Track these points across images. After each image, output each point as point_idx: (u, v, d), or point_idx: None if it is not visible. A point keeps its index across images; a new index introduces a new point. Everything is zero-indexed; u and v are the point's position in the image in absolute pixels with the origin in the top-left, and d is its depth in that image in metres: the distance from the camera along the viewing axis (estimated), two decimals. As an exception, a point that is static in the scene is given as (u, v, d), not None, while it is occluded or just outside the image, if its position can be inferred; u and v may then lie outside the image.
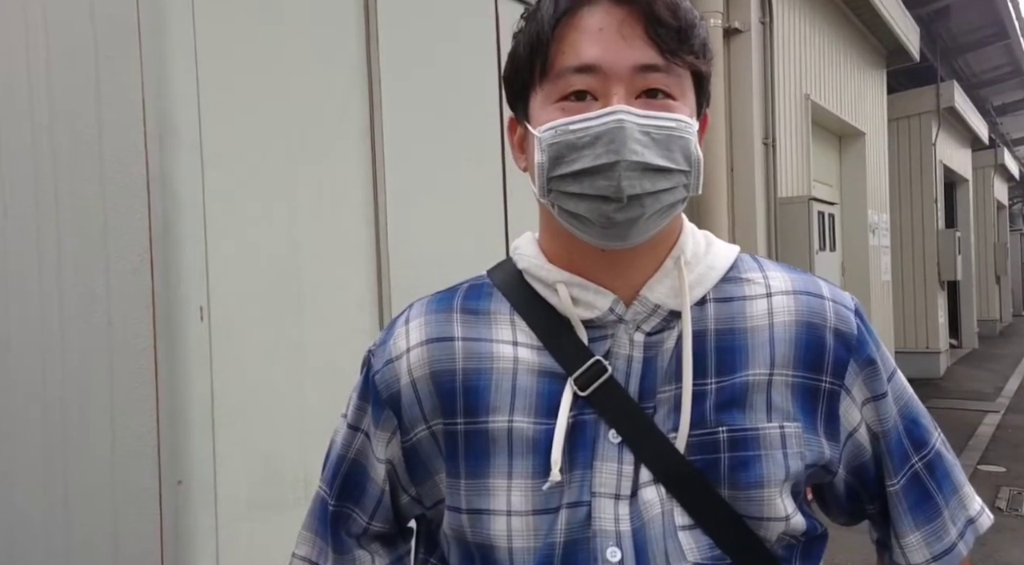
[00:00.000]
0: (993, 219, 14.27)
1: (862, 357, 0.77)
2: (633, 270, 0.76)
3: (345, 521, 0.83)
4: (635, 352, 0.74)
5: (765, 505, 0.71)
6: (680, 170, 0.70)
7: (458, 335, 0.78)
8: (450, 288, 0.84)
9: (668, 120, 0.69)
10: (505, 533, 0.71)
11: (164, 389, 1.59)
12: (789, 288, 0.79)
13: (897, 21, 6.67)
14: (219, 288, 1.63)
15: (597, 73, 0.69)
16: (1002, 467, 5.21)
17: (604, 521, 0.70)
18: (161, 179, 1.57)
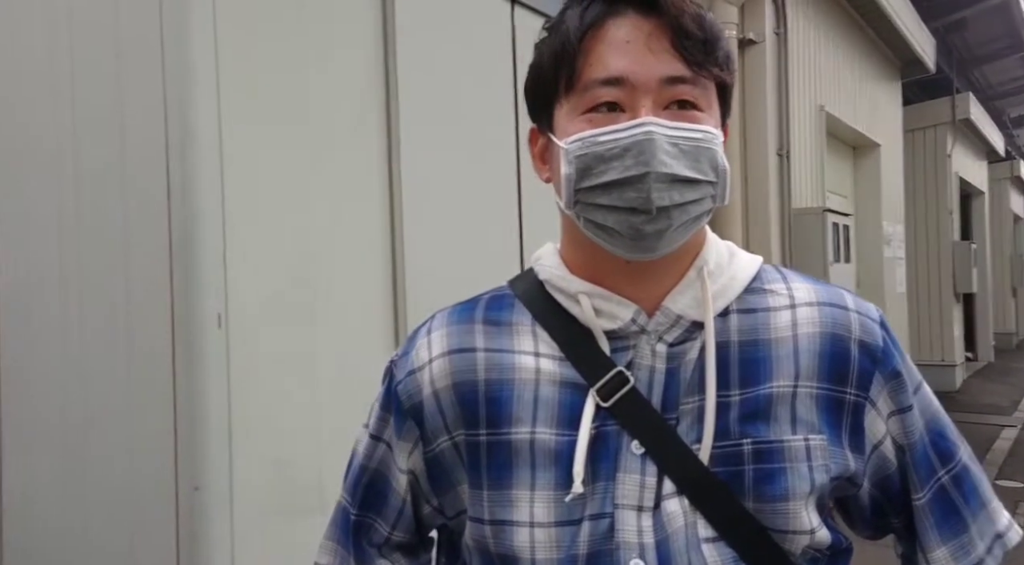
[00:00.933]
0: (1009, 231, 14.14)
1: (888, 369, 0.77)
2: (656, 281, 0.76)
3: (367, 531, 0.84)
4: (657, 363, 0.74)
5: (791, 518, 0.71)
6: (708, 181, 0.71)
7: (480, 346, 0.78)
8: (472, 299, 0.84)
9: (696, 131, 0.70)
10: (528, 545, 0.71)
11: (182, 396, 1.60)
12: (813, 299, 0.78)
13: (912, 33, 6.65)
14: (237, 296, 1.64)
15: (625, 85, 0.70)
16: (1020, 482, 5.15)
17: (627, 533, 0.70)
18: (182, 189, 1.59)
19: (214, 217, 1.61)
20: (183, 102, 1.60)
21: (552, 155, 0.76)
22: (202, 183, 1.60)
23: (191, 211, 1.59)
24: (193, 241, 1.59)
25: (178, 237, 1.60)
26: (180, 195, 1.59)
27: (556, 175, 0.75)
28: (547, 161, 0.79)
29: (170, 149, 1.60)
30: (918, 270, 9.11)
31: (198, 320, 1.60)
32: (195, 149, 1.59)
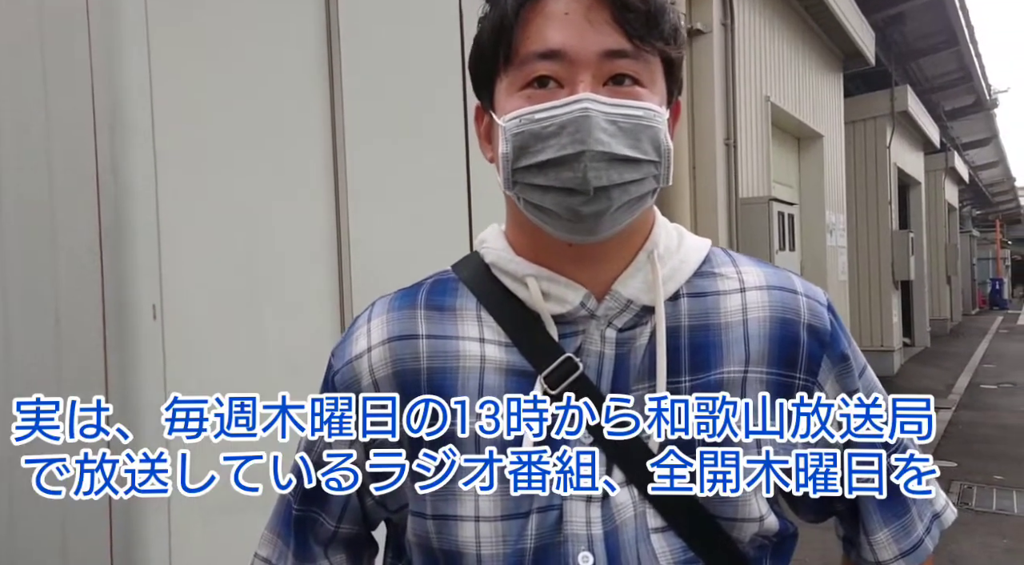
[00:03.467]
0: (944, 221, 14.69)
1: (835, 353, 0.77)
2: (604, 264, 0.73)
3: (312, 525, 0.80)
4: (607, 349, 0.72)
5: (739, 506, 0.70)
6: (649, 160, 0.68)
7: (423, 332, 0.75)
8: (414, 284, 0.81)
9: (636, 108, 0.67)
10: (473, 540, 0.69)
11: (115, 390, 1.53)
12: (763, 283, 0.77)
13: (853, 25, 6.81)
14: (173, 285, 1.57)
15: (562, 59, 0.67)
16: (954, 462, 5.35)
17: (576, 525, 0.68)
18: (112, 172, 1.51)
19: (147, 200, 1.53)
20: (112, 83, 1.52)
21: (494, 133, 0.73)
22: (133, 164, 1.52)
23: (122, 193, 1.51)
24: (124, 226, 1.51)
25: (108, 222, 1.52)
26: (110, 177, 1.51)
27: (496, 154, 0.72)
28: (491, 140, 0.76)
29: (98, 130, 1.52)
30: (859, 258, 9.38)
31: (131, 311, 1.53)
32: (125, 130, 1.51)
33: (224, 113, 1.72)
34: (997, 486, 4.78)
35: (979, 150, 16.60)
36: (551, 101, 0.67)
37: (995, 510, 4.38)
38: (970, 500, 4.53)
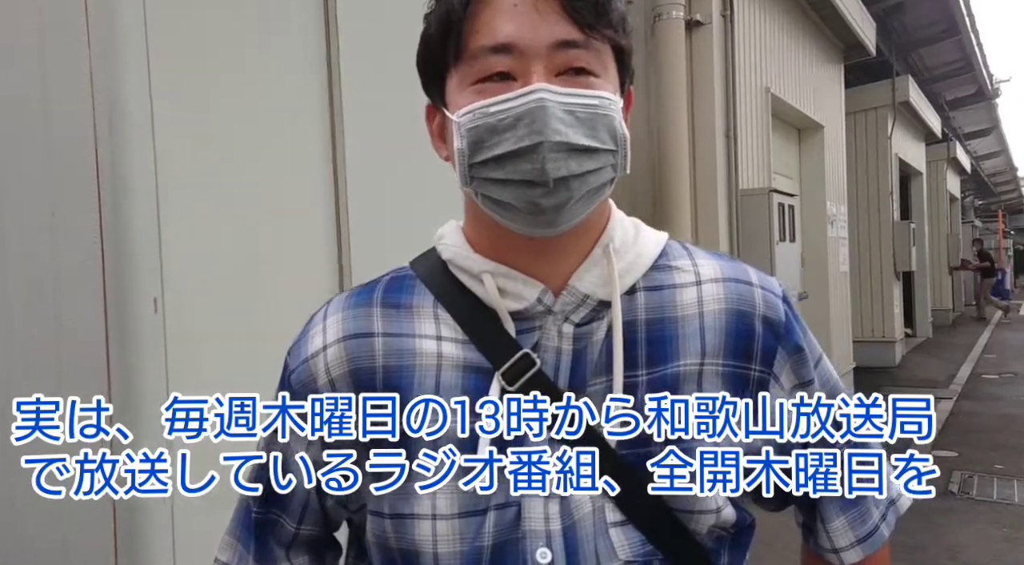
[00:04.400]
0: (946, 211, 14.65)
1: (790, 344, 0.77)
2: (561, 259, 0.73)
3: (272, 527, 0.79)
4: (564, 344, 0.72)
5: (696, 499, 0.70)
6: (607, 149, 0.68)
7: (378, 330, 0.75)
8: (371, 282, 0.81)
9: (591, 97, 0.67)
10: (430, 538, 0.69)
11: (117, 383, 1.54)
12: (719, 275, 0.78)
13: (854, 16, 6.78)
14: (173, 279, 1.58)
15: (513, 52, 0.66)
16: (954, 452, 5.36)
17: (534, 521, 0.68)
18: (111, 167, 1.52)
19: (147, 196, 1.54)
20: (111, 78, 1.53)
21: (447, 131, 0.73)
22: (133, 158, 1.53)
23: (122, 190, 1.52)
24: (125, 220, 1.52)
25: (109, 216, 1.53)
26: (109, 171, 1.52)
27: (452, 152, 0.71)
28: (445, 138, 0.75)
29: (98, 126, 1.52)
30: (860, 249, 9.36)
31: (132, 304, 1.54)
32: (125, 126, 1.52)
33: (223, 109, 1.72)
34: (997, 475, 4.78)
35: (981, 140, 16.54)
36: (504, 93, 0.66)
37: (995, 499, 4.39)
38: (970, 489, 4.54)
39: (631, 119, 0.77)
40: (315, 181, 1.95)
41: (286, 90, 1.89)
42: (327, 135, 1.98)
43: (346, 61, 2.01)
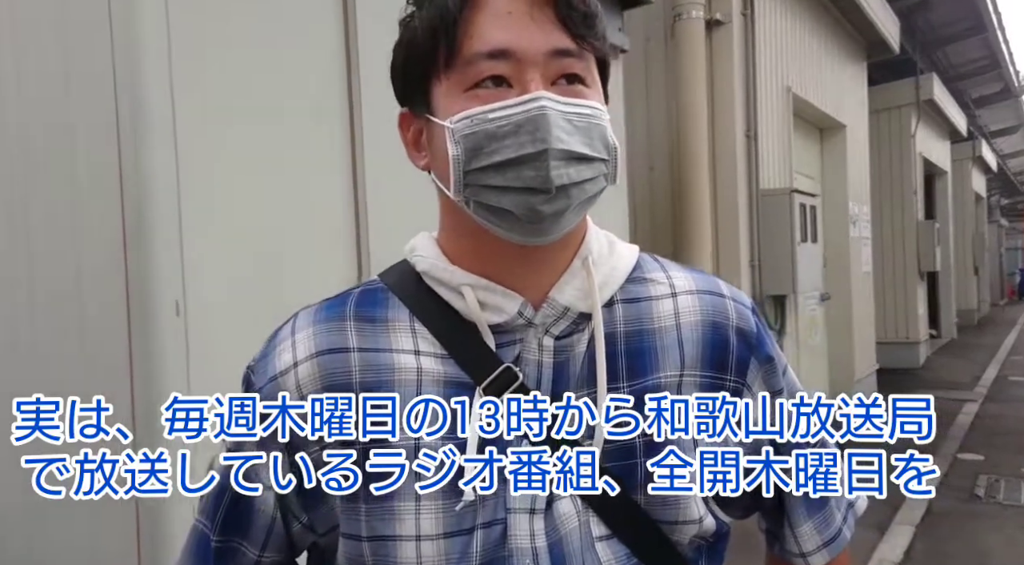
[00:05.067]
0: (972, 211, 14.44)
1: (762, 354, 0.78)
2: (541, 271, 0.73)
3: (232, 556, 0.75)
4: (545, 357, 0.71)
5: (680, 510, 0.71)
6: (601, 159, 0.68)
7: (353, 345, 0.72)
8: (339, 294, 0.79)
9: (587, 107, 0.67)
10: (415, 560, 0.67)
11: (139, 385, 1.56)
12: (693, 287, 0.79)
13: (877, 13, 6.70)
14: (195, 282, 1.60)
15: (511, 58, 0.66)
16: (980, 455, 5.27)
17: (520, 538, 0.67)
18: (135, 172, 1.54)
19: (169, 199, 1.56)
20: (134, 80, 1.55)
21: (432, 138, 0.71)
22: (155, 164, 1.54)
23: (145, 193, 1.54)
24: (148, 224, 1.54)
25: (132, 220, 1.54)
26: (133, 176, 1.54)
27: (438, 159, 0.70)
28: (422, 147, 0.74)
29: (121, 129, 1.54)
30: (883, 249, 9.25)
31: (155, 308, 1.56)
32: (147, 129, 1.54)
33: (245, 114, 1.74)
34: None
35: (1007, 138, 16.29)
36: (503, 100, 0.65)
37: (1022, 504, 4.31)
38: (997, 494, 4.46)
39: (648, 118, 0.77)
40: (336, 184, 1.96)
41: (307, 94, 1.90)
42: (347, 139, 1.99)
43: (365, 65, 2.01)
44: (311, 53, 1.92)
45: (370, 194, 2.01)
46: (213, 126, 1.66)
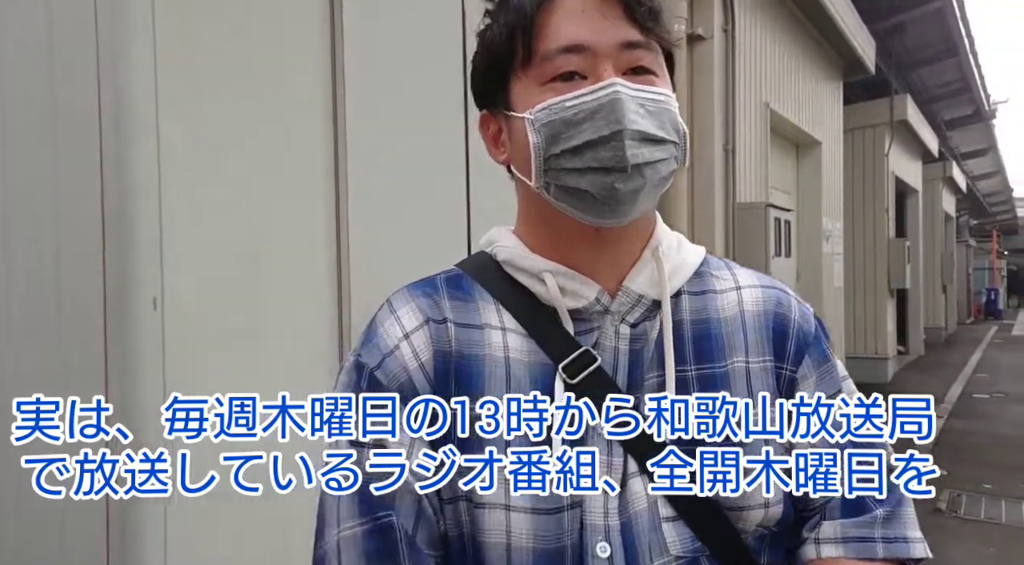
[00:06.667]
0: (941, 230, 14.72)
1: (817, 353, 0.80)
2: (616, 260, 0.77)
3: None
4: (621, 344, 0.75)
5: (746, 494, 0.72)
6: (672, 141, 0.73)
7: (450, 318, 0.76)
8: (425, 278, 0.81)
9: (657, 93, 0.72)
10: (504, 527, 0.69)
11: (114, 381, 1.54)
12: (756, 283, 0.84)
13: (854, 33, 6.83)
14: (174, 278, 1.59)
15: (585, 52, 0.71)
16: (944, 470, 5.37)
17: (594, 515, 0.70)
18: (116, 164, 1.52)
19: (150, 192, 1.55)
20: (118, 75, 1.53)
21: (512, 132, 0.76)
22: (137, 156, 1.53)
23: (125, 185, 1.52)
24: (127, 218, 1.53)
25: (111, 213, 1.53)
26: (113, 168, 1.52)
27: (518, 151, 0.75)
28: (501, 144, 0.79)
29: (103, 119, 1.53)
30: (855, 265, 9.40)
31: (132, 302, 1.54)
32: (130, 120, 1.53)
33: (229, 109, 1.73)
34: (986, 495, 4.80)
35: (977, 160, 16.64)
36: (578, 89, 0.70)
37: (984, 518, 4.40)
38: (959, 508, 4.55)
39: None
40: (318, 183, 1.96)
41: (292, 92, 1.90)
42: (330, 137, 1.99)
43: (351, 64, 2.02)
44: (297, 50, 1.92)
45: (352, 194, 2.01)
46: (197, 123, 1.65)
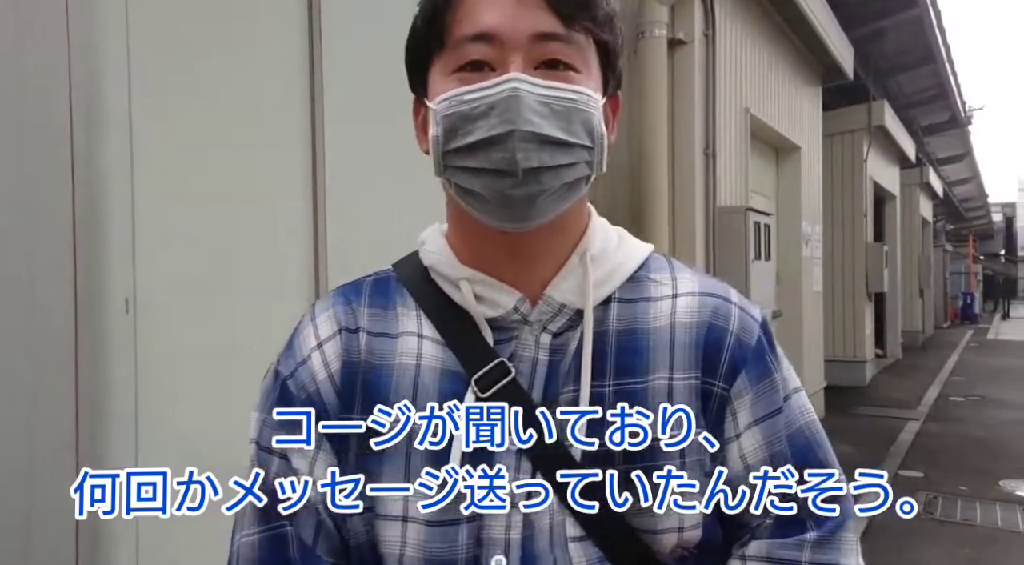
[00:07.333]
0: (919, 235, 14.89)
1: (756, 369, 0.74)
2: (538, 265, 0.73)
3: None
4: (540, 354, 0.71)
5: (659, 518, 0.68)
6: (581, 145, 0.67)
7: (364, 327, 0.74)
8: (354, 282, 0.81)
9: (568, 91, 0.66)
10: (399, 540, 0.68)
11: (85, 383, 1.52)
12: (695, 290, 0.76)
13: (833, 40, 6.90)
14: (146, 278, 1.57)
15: (494, 42, 0.66)
16: (920, 472, 5.42)
17: (494, 529, 0.68)
18: (87, 164, 1.50)
19: (121, 191, 1.53)
20: (90, 73, 1.52)
21: (427, 122, 0.71)
22: (109, 156, 1.51)
23: (97, 184, 1.50)
24: (99, 218, 1.51)
25: (82, 213, 1.51)
26: (85, 169, 1.50)
27: (429, 142, 0.71)
28: (426, 133, 0.73)
29: (75, 119, 1.51)
30: (833, 269, 9.48)
31: (104, 304, 1.52)
32: (102, 120, 1.51)
33: (203, 110, 1.71)
34: (962, 497, 4.85)
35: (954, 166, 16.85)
36: (481, 82, 0.66)
37: (959, 520, 4.44)
38: (935, 510, 4.59)
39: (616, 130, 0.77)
40: (293, 183, 1.94)
41: (267, 91, 1.88)
42: (307, 137, 1.98)
43: (329, 63, 2.01)
44: (273, 52, 1.91)
45: (329, 195, 2.00)
46: (170, 123, 1.64)
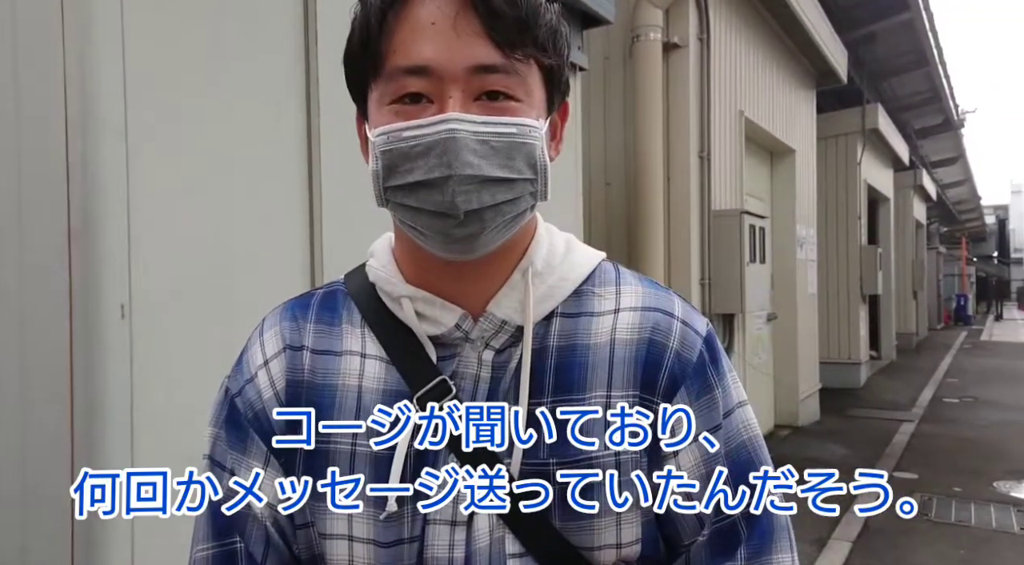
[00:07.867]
0: (912, 237, 14.96)
1: (695, 386, 0.72)
2: (481, 282, 0.72)
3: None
4: (483, 372, 0.71)
5: (596, 533, 0.68)
6: (524, 179, 0.66)
7: (308, 345, 0.74)
8: (304, 295, 0.81)
9: (508, 125, 0.64)
10: (346, 559, 0.69)
11: (80, 391, 1.51)
12: (638, 304, 0.75)
13: (827, 43, 6.93)
14: (142, 285, 1.56)
15: (431, 75, 0.63)
16: (914, 474, 5.44)
17: (437, 548, 0.68)
18: (82, 168, 1.50)
19: (117, 198, 1.52)
20: (85, 78, 1.51)
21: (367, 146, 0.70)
22: (105, 162, 1.51)
23: (92, 189, 1.50)
24: (94, 224, 1.50)
25: (77, 219, 1.50)
26: (80, 175, 1.50)
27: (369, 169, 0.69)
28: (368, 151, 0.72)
29: (70, 125, 1.50)
30: (828, 272, 9.51)
31: (99, 311, 1.51)
32: (97, 126, 1.50)
33: (198, 115, 1.71)
34: (956, 498, 4.87)
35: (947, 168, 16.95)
36: (418, 119, 0.63)
37: (953, 521, 4.46)
38: (929, 511, 4.61)
39: (605, 135, 0.76)
40: (291, 187, 1.94)
41: (263, 96, 1.88)
42: (303, 141, 1.98)
43: (325, 67, 2.01)
44: (269, 53, 1.91)
45: (326, 198, 1.99)
46: (166, 128, 1.63)
